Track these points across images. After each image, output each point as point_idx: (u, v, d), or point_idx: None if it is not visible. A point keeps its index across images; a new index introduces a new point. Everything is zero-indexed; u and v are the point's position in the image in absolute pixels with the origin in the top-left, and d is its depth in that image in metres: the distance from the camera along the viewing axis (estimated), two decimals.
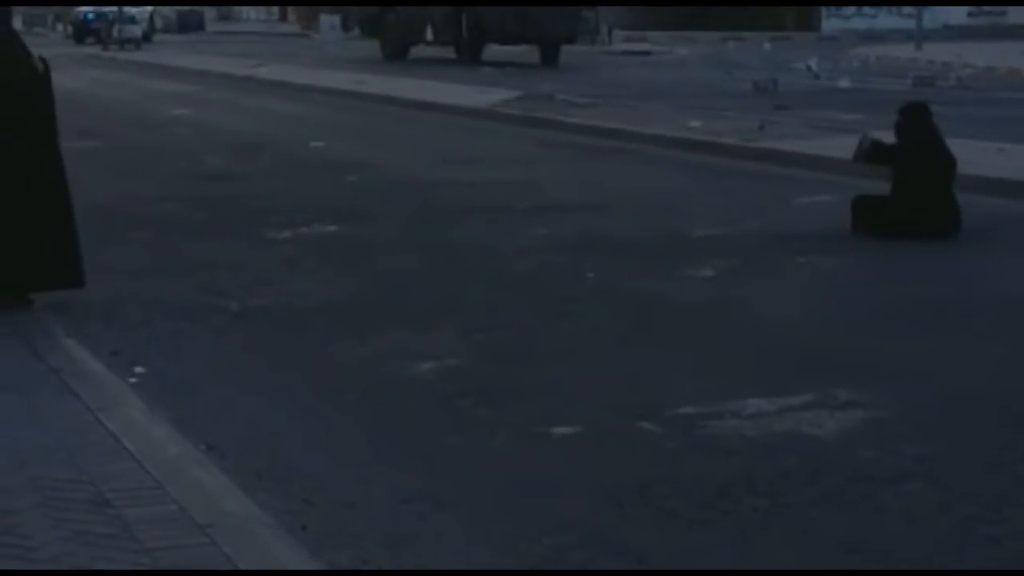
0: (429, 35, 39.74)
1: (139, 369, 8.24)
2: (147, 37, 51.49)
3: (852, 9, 63.85)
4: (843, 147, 17.07)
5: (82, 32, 56.39)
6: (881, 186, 12.44)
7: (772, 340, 8.88)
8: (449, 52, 39.21)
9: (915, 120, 12.11)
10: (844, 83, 30.27)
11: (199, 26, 67.87)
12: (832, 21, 62.95)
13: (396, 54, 40.55)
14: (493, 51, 38.96)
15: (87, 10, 57.49)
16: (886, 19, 62.69)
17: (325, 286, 10.53)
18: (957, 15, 61.20)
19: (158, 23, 60.59)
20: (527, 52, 38.95)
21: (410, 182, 15.69)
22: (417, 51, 40.32)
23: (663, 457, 6.68)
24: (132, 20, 50.59)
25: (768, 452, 6.70)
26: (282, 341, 9.00)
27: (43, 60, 9.75)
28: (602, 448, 6.85)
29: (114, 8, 51.12)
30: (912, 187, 11.79)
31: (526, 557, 5.56)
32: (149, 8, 58.34)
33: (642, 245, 11.88)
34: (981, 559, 5.50)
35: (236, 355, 8.69)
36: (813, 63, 35.19)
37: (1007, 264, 11.18)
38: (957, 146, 12.41)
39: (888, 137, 12.44)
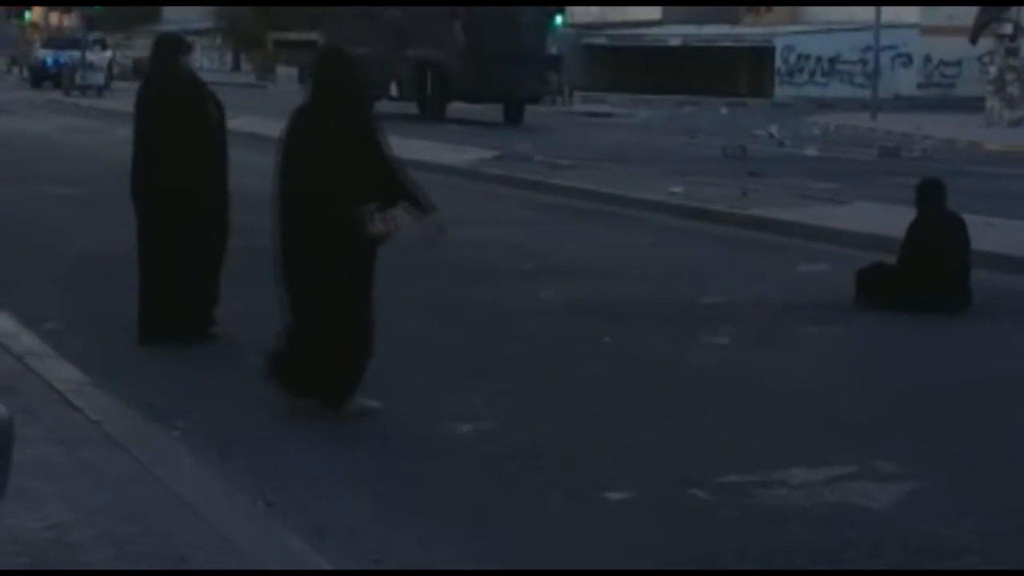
0: (393, 91, 39.89)
1: (179, 423, 8.25)
2: (106, 84, 51.36)
3: (804, 77, 64.66)
4: (831, 217, 17.37)
5: (39, 76, 56.20)
6: (883, 257, 12.66)
7: (800, 410, 8.99)
8: (412, 108, 39.34)
9: (929, 195, 12.31)
10: (811, 151, 30.63)
11: None
12: (785, 88, 63.68)
13: None
14: (456, 108, 39.14)
15: (46, 54, 57.34)
16: (838, 87, 63.56)
17: None
18: (907, 86, 62.10)
19: (115, 70, 60.41)
20: (490, 110, 39.17)
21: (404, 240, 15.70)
22: (379, 106, 40.42)
23: (722, 526, 6.76)
24: (92, 67, 50.50)
25: (825, 523, 6.79)
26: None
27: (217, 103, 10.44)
28: (659, 515, 6.91)
29: (76, 52, 51.05)
30: (923, 262, 11.95)
31: None
32: (108, 54, 58.20)
33: (651, 311, 11.98)
34: None
35: (271, 411, 8.69)
36: (775, 130, 35.62)
37: (1019, 337, 11.36)
38: None
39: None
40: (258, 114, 38.08)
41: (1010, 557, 6.37)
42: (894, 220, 14.52)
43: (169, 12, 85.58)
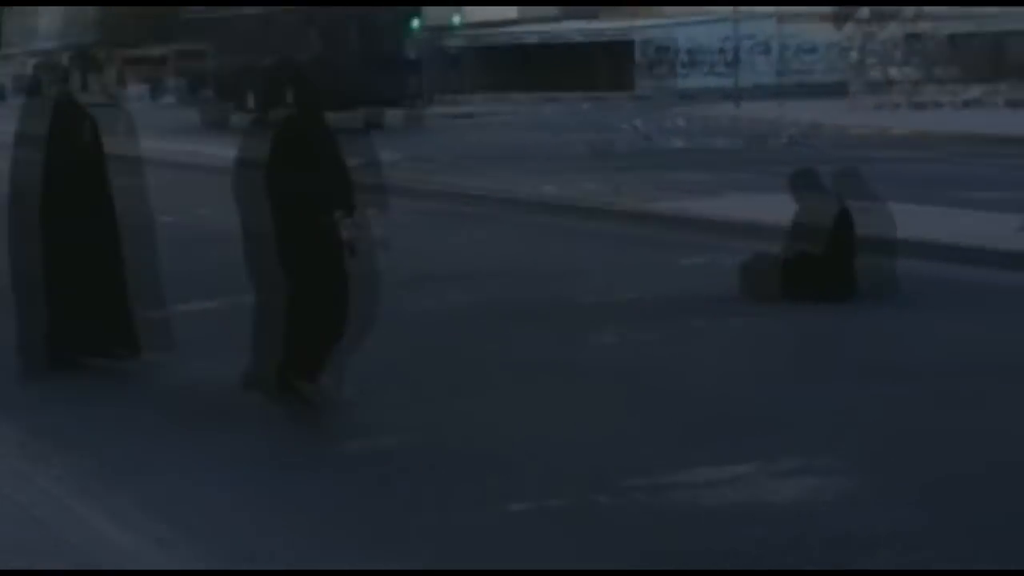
0: (250, 102, 39.34)
1: (56, 460, 7.90)
2: None
3: (664, 69, 64.97)
4: (708, 208, 17.32)
5: None
6: (764, 247, 12.60)
7: (697, 405, 8.84)
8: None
9: (806, 185, 12.26)
10: (678, 143, 30.67)
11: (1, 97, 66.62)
12: (645, 81, 63.94)
13: (215, 122, 40.03)
14: None
15: None
16: (698, 78, 63.87)
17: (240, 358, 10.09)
18: (766, 74, 62.57)
19: None
20: (349, 116, 38.76)
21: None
22: (235, 120, 39.85)
23: (633, 532, 6.55)
24: None
25: (736, 522, 6.63)
26: (223, 418, 8.71)
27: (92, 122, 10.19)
28: (563, 525, 6.69)
29: None
30: (810, 252, 11.87)
31: None
32: None
33: (536, 313, 11.77)
34: None
35: (156, 440, 8.35)
36: (639, 124, 35.67)
37: (907, 321, 11.27)
38: None
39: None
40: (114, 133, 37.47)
41: (927, 548, 6.24)
42: (770, 207, 14.48)
43: (9, 34, 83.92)
